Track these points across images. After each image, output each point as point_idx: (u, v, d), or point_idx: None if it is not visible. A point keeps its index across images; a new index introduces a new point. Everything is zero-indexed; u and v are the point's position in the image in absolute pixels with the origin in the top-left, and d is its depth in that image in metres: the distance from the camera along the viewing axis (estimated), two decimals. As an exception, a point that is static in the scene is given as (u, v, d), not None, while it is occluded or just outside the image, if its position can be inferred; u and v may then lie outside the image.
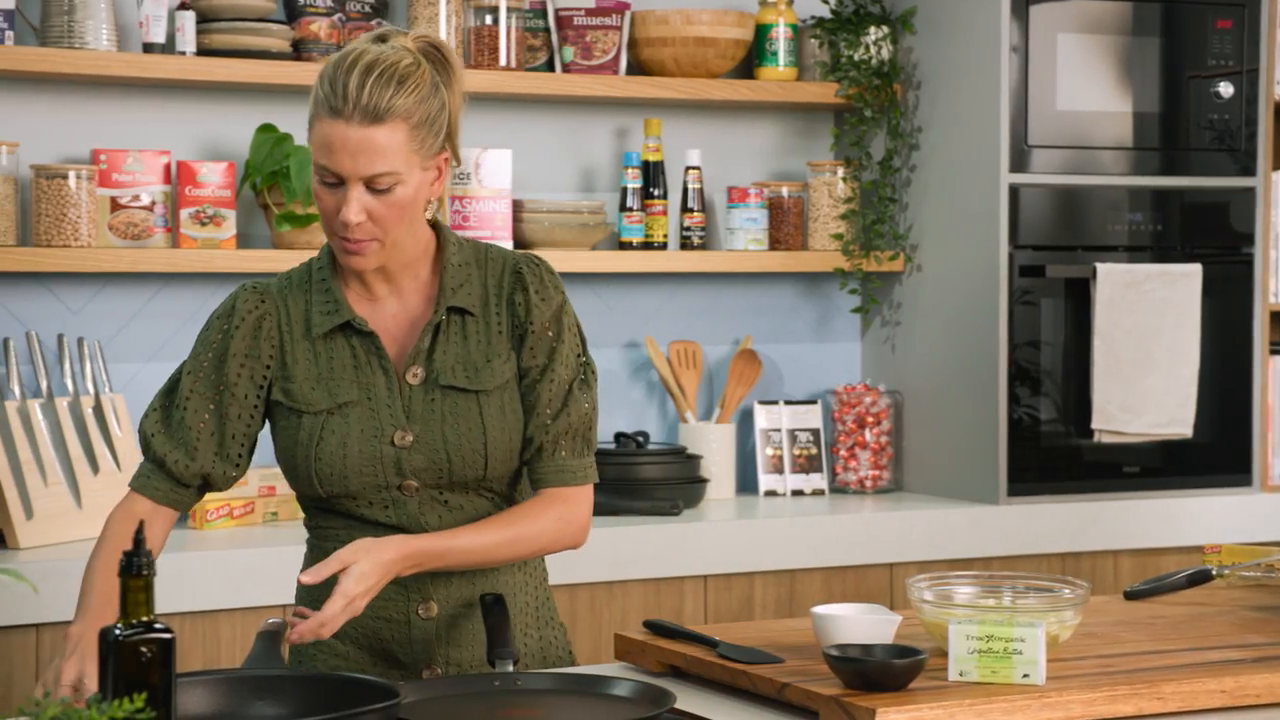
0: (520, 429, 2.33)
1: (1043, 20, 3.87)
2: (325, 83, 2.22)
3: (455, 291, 2.32)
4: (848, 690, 2.05)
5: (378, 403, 2.29)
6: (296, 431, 2.29)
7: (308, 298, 2.33)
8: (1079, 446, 3.94)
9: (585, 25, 3.87)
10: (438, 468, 2.29)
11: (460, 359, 2.31)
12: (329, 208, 2.23)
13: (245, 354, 2.31)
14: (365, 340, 2.31)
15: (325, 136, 2.21)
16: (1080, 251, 3.94)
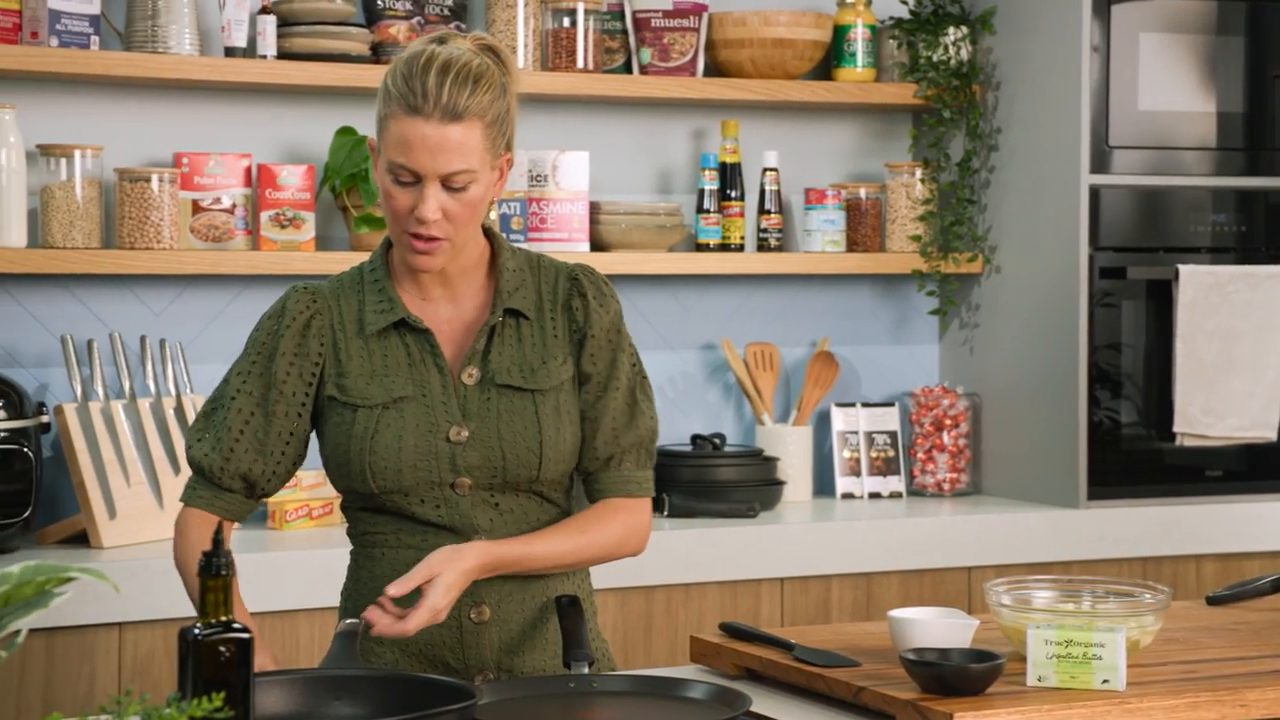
0: (575, 432, 2.34)
1: (1125, 19, 3.83)
2: (399, 81, 2.23)
3: (511, 295, 2.34)
4: (924, 695, 2.04)
5: (432, 399, 2.30)
6: (351, 425, 2.29)
7: (360, 297, 2.34)
8: (1161, 450, 3.90)
9: (663, 27, 3.87)
10: (492, 465, 2.30)
11: (516, 360, 2.33)
12: (401, 206, 2.24)
13: (295, 352, 2.32)
14: (419, 338, 2.32)
15: (403, 134, 2.22)
16: (1162, 253, 3.90)
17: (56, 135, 3.46)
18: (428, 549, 2.27)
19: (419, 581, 2.17)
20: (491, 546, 2.25)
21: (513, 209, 3.73)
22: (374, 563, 2.35)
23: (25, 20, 3.35)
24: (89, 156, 3.40)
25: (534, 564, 2.29)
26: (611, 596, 3.43)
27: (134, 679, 3.08)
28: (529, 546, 2.28)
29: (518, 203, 3.74)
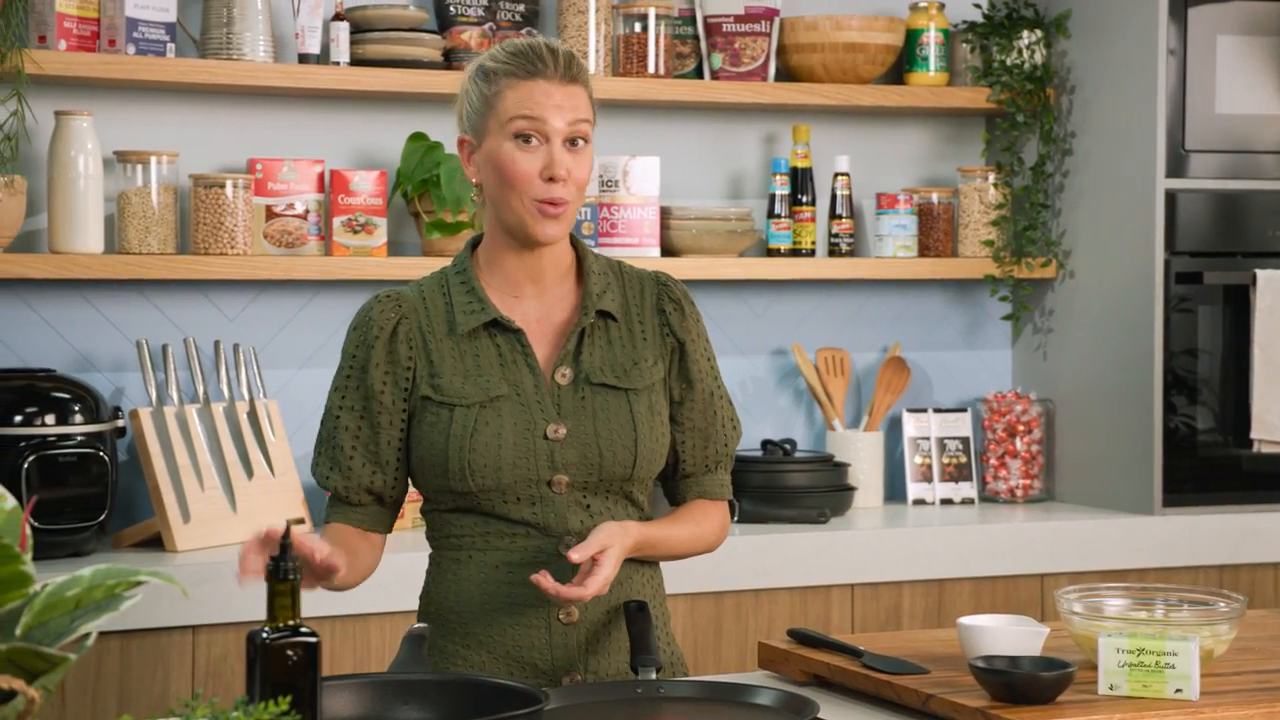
0: (665, 432, 2.38)
1: (1202, 22, 3.79)
2: (503, 59, 2.33)
3: (600, 297, 2.38)
4: (994, 703, 2.03)
5: (527, 398, 2.33)
6: (449, 425, 2.31)
7: (448, 299, 2.37)
8: (1238, 456, 3.85)
9: (734, 32, 3.87)
10: (589, 462, 2.32)
11: (607, 360, 2.36)
12: (526, 171, 2.30)
13: (387, 361, 2.35)
14: (510, 338, 2.35)
15: (526, 95, 2.30)
16: (1239, 258, 3.86)
17: (133, 142, 3.50)
18: (516, 550, 2.32)
19: (595, 551, 2.22)
20: (642, 527, 2.33)
21: (583, 214, 3.74)
22: (459, 565, 2.37)
23: (103, 28, 3.39)
24: (165, 163, 3.44)
25: (667, 548, 2.39)
26: (682, 601, 3.43)
27: (207, 681, 3.11)
28: (666, 530, 2.37)
29: (588, 208, 3.74)
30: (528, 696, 2.00)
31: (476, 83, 2.35)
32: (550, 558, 2.31)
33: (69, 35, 3.34)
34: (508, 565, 2.33)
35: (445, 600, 2.36)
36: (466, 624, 2.35)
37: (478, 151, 2.35)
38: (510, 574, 2.33)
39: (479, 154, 2.35)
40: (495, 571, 2.33)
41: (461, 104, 2.39)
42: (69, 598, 1.48)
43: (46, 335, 3.48)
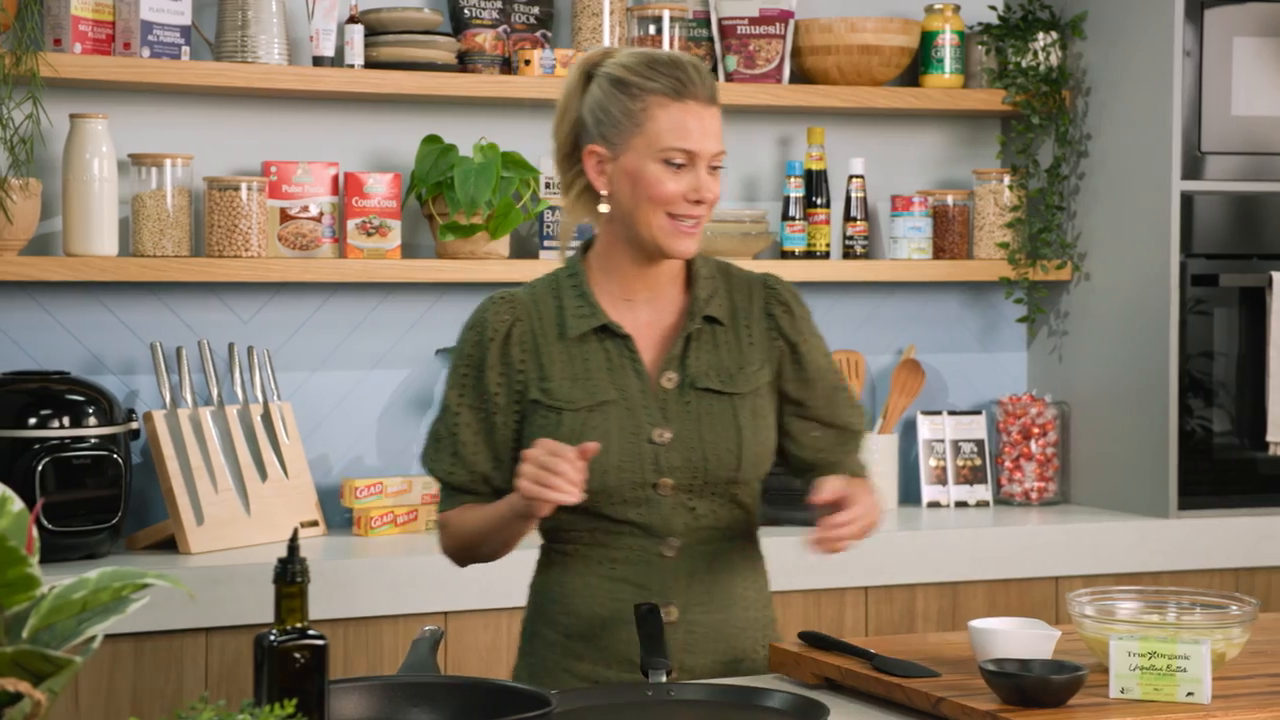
0: (771, 435, 2.43)
1: (1218, 24, 3.78)
2: (644, 73, 2.34)
3: (708, 302, 2.42)
4: (1005, 706, 2.02)
5: (633, 403, 2.37)
6: (557, 428, 2.36)
7: (559, 302, 2.42)
8: (1253, 459, 3.84)
9: (749, 34, 3.86)
10: (693, 466, 2.36)
11: (713, 365, 2.40)
12: (672, 191, 2.33)
13: (501, 363, 2.40)
14: (619, 343, 2.40)
15: (677, 119, 2.33)
16: (1256, 260, 3.84)
17: (147, 145, 3.50)
18: (621, 549, 2.38)
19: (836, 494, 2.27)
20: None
21: (598, 217, 3.73)
22: (566, 559, 2.42)
23: (118, 31, 3.40)
24: (179, 166, 3.44)
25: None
26: (695, 604, 3.43)
27: (220, 684, 3.11)
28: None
29: (602, 210, 3.74)
30: (536, 699, 2.00)
31: (615, 93, 2.36)
32: (654, 558, 2.37)
33: (84, 38, 3.35)
34: (611, 563, 2.39)
35: (550, 593, 2.43)
36: (569, 617, 2.41)
37: (612, 164, 2.37)
38: (613, 571, 2.39)
39: (614, 166, 2.36)
40: (599, 568, 2.39)
41: (587, 111, 2.38)
42: (75, 600, 1.48)
43: (61, 338, 3.49)
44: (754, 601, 2.47)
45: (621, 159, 2.35)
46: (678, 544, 2.37)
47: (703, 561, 2.40)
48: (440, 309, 3.76)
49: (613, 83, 2.36)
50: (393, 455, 3.72)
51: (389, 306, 3.72)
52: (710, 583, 2.41)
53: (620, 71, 2.36)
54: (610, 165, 2.36)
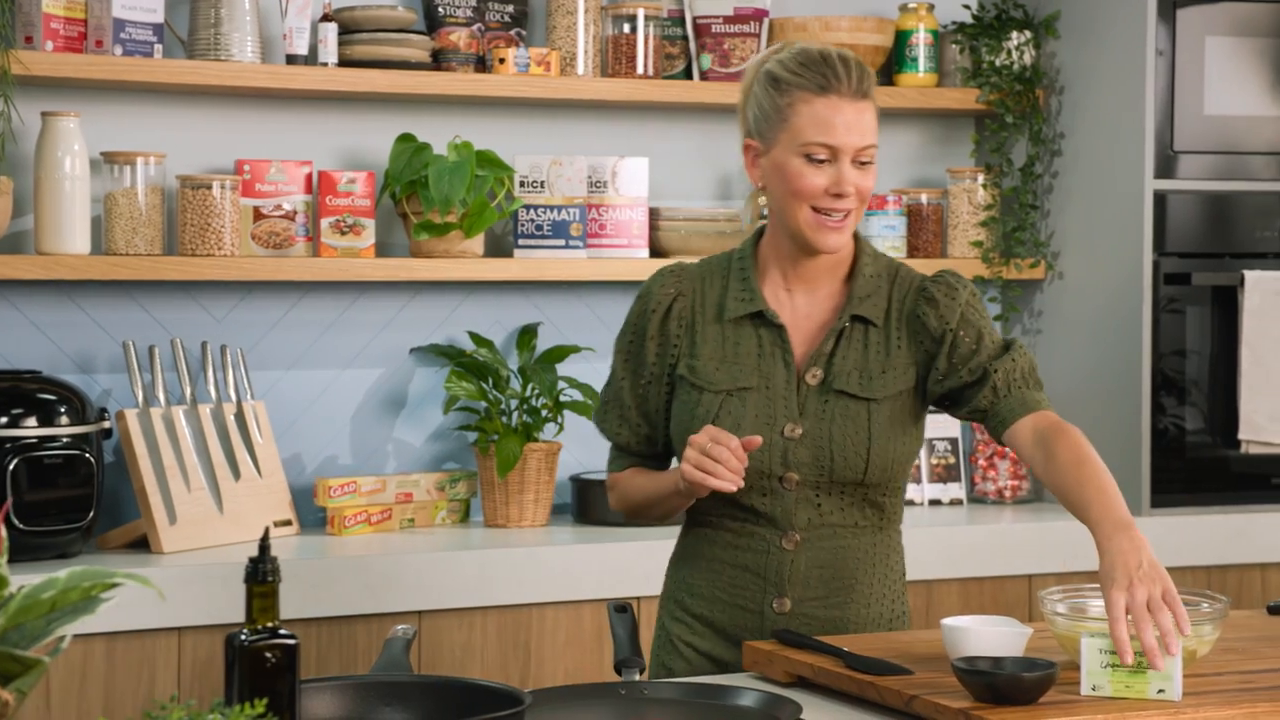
0: (908, 441, 2.44)
1: (1190, 23, 3.79)
2: (795, 69, 2.37)
3: (862, 301, 2.44)
4: (977, 704, 2.03)
5: (774, 393, 2.41)
6: (695, 406, 2.42)
7: (725, 283, 2.46)
8: (1226, 457, 3.85)
9: (723, 33, 3.87)
10: (820, 464, 2.40)
11: (858, 366, 2.42)
12: (814, 186, 2.36)
13: (659, 335, 2.47)
14: (773, 332, 2.44)
15: (819, 113, 2.35)
16: (1228, 259, 3.86)
17: (120, 143, 3.49)
18: (746, 534, 2.44)
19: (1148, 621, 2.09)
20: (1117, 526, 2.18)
21: (571, 215, 3.74)
22: (698, 539, 2.50)
23: (90, 29, 3.38)
24: (152, 164, 3.43)
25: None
26: (669, 603, 3.43)
27: (193, 684, 3.11)
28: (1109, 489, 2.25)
29: (576, 208, 3.74)
30: (510, 697, 2.00)
31: (767, 89, 2.40)
32: (774, 548, 2.42)
33: (56, 36, 3.34)
34: (735, 549, 2.45)
35: (682, 570, 2.51)
36: (692, 597, 2.49)
37: (764, 157, 2.42)
38: (735, 557, 2.45)
39: (765, 159, 2.42)
40: (723, 552, 2.46)
41: (747, 107, 2.45)
42: (44, 600, 1.48)
43: (32, 336, 3.47)
44: (877, 597, 2.48)
45: (771, 153, 2.40)
46: (798, 537, 2.42)
47: (823, 556, 2.44)
48: (414, 308, 3.75)
49: (767, 79, 2.41)
50: (366, 454, 3.71)
51: (363, 305, 3.72)
52: (828, 578, 2.44)
53: (775, 68, 2.40)
54: (763, 159, 2.42)
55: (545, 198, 3.73)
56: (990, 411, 2.41)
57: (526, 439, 3.63)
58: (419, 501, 3.62)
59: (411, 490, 3.61)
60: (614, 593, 3.37)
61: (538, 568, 3.36)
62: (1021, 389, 2.40)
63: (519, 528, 3.61)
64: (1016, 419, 2.39)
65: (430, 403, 3.76)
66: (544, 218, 3.73)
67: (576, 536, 3.53)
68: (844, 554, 2.45)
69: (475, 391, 3.62)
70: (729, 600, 2.46)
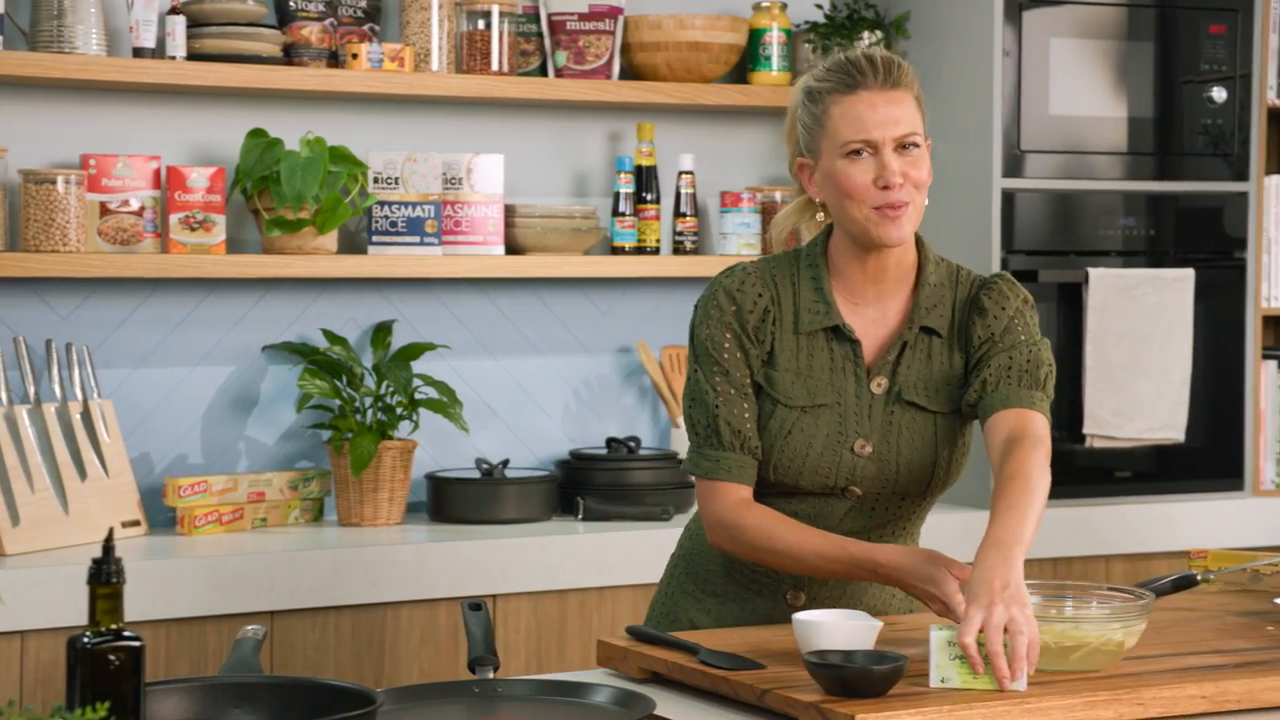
0: (966, 450, 2.45)
1: (1036, 25, 3.86)
2: (824, 78, 2.37)
3: (929, 312, 2.41)
4: (827, 697, 2.04)
5: (845, 409, 2.40)
6: (769, 419, 2.39)
7: (795, 291, 2.42)
8: (1072, 451, 3.93)
9: (578, 30, 3.87)
10: (885, 478, 2.40)
11: (923, 377, 2.41)
12: (860, 183, 2.33)
13: (755, 337, 2.40)
14: (846, 346, 2.41)
15: (850, 110, 2.34)
16: (1073, 256, 3.93)
17: (-39, 136, 3.42)
18: None
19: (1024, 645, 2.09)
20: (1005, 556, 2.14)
21: (427, 212, 3.72)
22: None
23: (-72, 20, 3.30)
24: (-6, 158, 3.36)
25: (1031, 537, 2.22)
26: (525, 600, 3.42)
27: (36, 688, 3.05)
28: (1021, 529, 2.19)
29: (432, 205, 3.72)
30: (361, 697, 1.98)
31: (806, 106, 2.39)
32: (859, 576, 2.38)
33: (-107, 26, 3.26)
34: None
35: (703, 550, 2.49)
36: (710, 572, 2.49)
37: (816, 171, 2.39)
38: None
39: (818, 173, 2.39)
40: None
41: (793, 129, 2.43)
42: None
43: None
44: (892, 593, 2.50)
45: (820, 164, 2.38)
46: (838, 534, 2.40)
47: None
48: (266, 305, 3.71)
49: (805, 94, 2.40)
50: (217, 453, 3.67)
51: (213, 302, 3.67)
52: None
53: (809, 82, 2.40)
54: (816, 173, 2.40)
55: (399, 194, 3.70)
56: (977, 405, 2.40)
57: (381, 437, 3.60)
58: (271, 501, 3.58)
59: (264, 489, 3.57)
60: (469, 591, 3.36)
61: (392, 567, 3.34)
62: (1011, 384, 2.37)
63: (373, 526, 3.59)
64: (995, 412, 2.36)
65: (283, 401, 3.72)
66: (398, 214, 3.70)
67: (431, 535, 3.52)
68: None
69: (329, 389, 3.59)
70: (744, 583, 2.48)
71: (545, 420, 3.94)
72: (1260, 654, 2.26)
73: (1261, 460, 4.11)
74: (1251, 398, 4.08)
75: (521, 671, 3.39)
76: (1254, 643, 2.33)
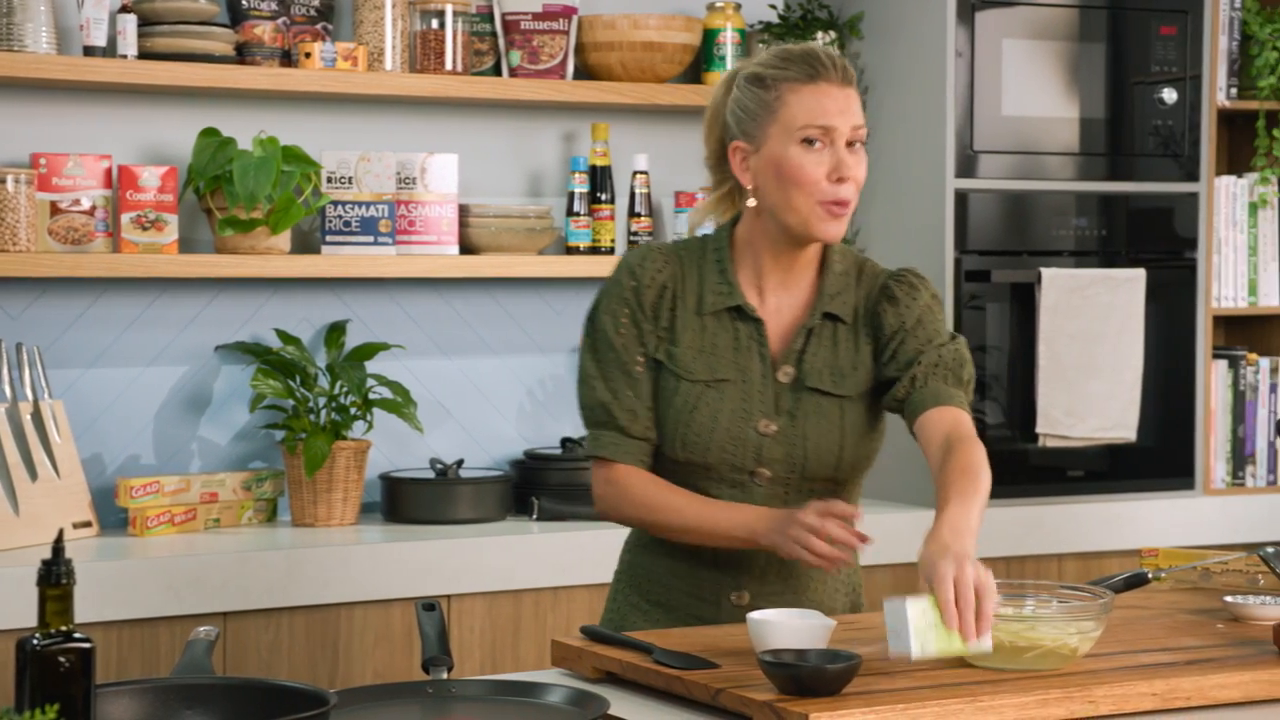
0: (878, 436, 2.46)
1: (989, 26, 3.88)
2: (778, 65, 2.37)
3: (833, 298, 2.44)
4: (781, 695, 2.05)
5: (750, 388, 2.42)
6: (673, 395, 2.42)
7: (700, 274, 2.44)
8: (1024, 451, 3.94)
9: (532, 30, 3.86)
10: (793, 461, 2.42)
11: (828, 364, 2.43)
12: (813, 175, 2.35)
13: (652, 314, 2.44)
14: (750, 326, 2.43)
15: (811, 99, 2.35)
16: (1026, 256, 3.95)
17: (-91, 135, 3.39)
18: None
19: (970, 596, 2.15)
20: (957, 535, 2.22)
21: (380, 211, 3.70)
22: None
23: (-124, 17, 3.28)
24: (-57, 157, 3.33)
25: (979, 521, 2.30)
26: (480, 600, 3.42)
27: (-13, 690, 3.03)
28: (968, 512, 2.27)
29: (385, 205, 3.71)
30: (314, 698, 1.97)
31: (751, 90, 2.38)
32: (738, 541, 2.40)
33: None
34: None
35: (640, 557, 2.52)
36: (651, 584, 2.51)
37: (755, 156, 2.39)
38: (697, 547, 2.45)
39: (756, 159, 2.39)
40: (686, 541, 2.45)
41: (725, 111, 2.42)
42: None
43: None
44: (833, 589, 2.52)
45: (763, 150, 2.38)
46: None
47: None
48: (219, 305, 3.69)
49: (749, 80, 2.40)
50: (170, 454, 3.65)
51: (165, 302, 3.65)
52: (787, 573, 2.46)
53: (755, 68, 2.40)
54: (753, 158, 2.39)
55: (353, 194, 3.69)
56: (905, 401, 2.42)
57: (335, 437, 3.59)
58: (224, 501, 3.56)
59: (217, 490, 3.55)
60: (423, 591, 3.36)
61: (346, 567, 3.33)
62: (939, 381, 2.40)
63: (327, 527, 3.58)
64: (926, 409, 2.39)
65: (236, 401, 3.70)
66: (352, 214, 3.69)
67: (385, 535, 3.51)
68: None
69: (282, 390, 3.57)
70: (687, 590, 2.48)
71: (500, 420, 3.94)
72: (1210, 651, 2.28)
73: (1212, 459, 4.14)
74: (1202, 397, 4.11)
75: (476, 672, 3.38)
76: (1204, 640, 2.35)
